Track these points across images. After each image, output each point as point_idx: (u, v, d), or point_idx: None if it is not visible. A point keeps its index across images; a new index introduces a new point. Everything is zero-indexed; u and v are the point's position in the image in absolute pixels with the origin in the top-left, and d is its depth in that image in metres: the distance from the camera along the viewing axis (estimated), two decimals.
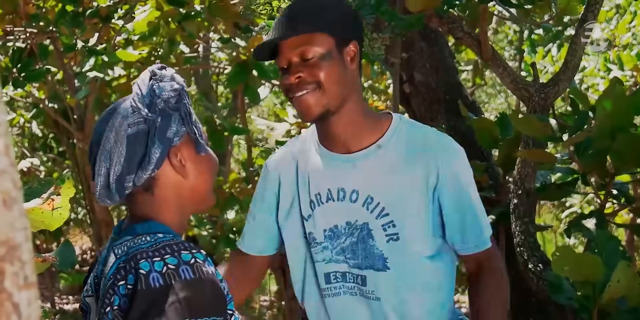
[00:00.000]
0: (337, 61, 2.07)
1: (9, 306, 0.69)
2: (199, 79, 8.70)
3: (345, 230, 2.17)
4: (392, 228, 2.12)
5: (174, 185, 1.78)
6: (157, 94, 1.74)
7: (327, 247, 2.20)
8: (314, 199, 2.21)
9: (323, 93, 2.05)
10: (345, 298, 2.23)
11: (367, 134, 2.15)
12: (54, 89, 7.34)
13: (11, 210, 0.68)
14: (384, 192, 2.12)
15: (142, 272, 1.56)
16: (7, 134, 0.69)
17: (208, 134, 6.65)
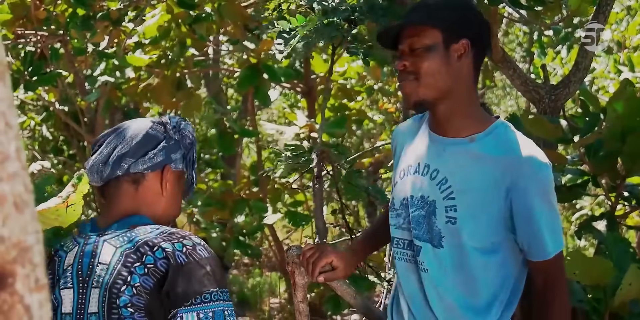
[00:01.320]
0: (441, 55, 2.23)
1: (21, 309, 0.69)
2: (209, 82, 8.71)
3: (418, 202, 2.32)
4: (452, 212, 2.24)
5: (154, 191, 2.09)
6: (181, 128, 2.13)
7: (400, 215, 2.40)
8: (404, 169, 2.42)
9: (420, 83, 2.24)
10: (402, 264, 2.41)
11: (467, 127, 2.29)
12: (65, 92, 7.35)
13: (23, 213, 0.69)
14: (457, 178, 2.25)
15: (168, 250, 1.90)
16: (18, 137, 0.69)
17: (217, 136, 6.65)
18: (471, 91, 2.31)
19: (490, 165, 2.21)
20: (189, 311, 1.88)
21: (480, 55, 2.31)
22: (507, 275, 2.29)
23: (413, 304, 2.39)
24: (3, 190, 0.68)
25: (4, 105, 0.67)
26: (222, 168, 8.91)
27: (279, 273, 9.57)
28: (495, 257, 2.26)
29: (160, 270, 1.90)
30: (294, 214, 6.62)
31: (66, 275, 2.00)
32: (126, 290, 1.90)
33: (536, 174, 2.18)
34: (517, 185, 2.17)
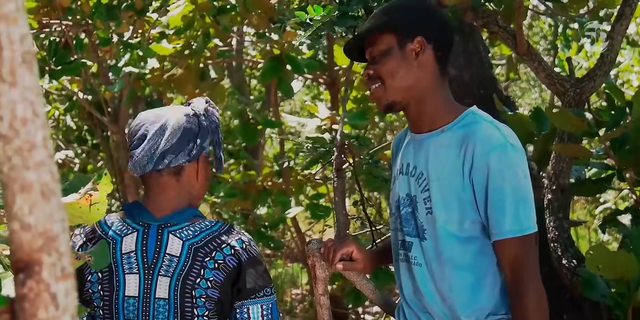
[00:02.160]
0: (398, 57, 2.32)
1: (47, 296, 0.69)
2: (232, 73, 8.72)
3: (404, 201, 2.41)
4: (429, 202, 2.31)
5: (191, 180, 2.29)
6: (209, 114, 2.31)
7: (395, 216, 2.48)
8: (396, 173, 2.50)
9: (385, 88, 2.33)
10: (398, 265, 2.48)
11: (439, 119, 2.35)
12: (89, 82, 7.38)
13: (49, 201, 0.69)
14: (430, 170, 2.31)
15: (236, 248, 2.19)
16: (45, 126, 0.69)
17: (241, 127, 6.66)
18: (437, 84, 2.36)
19: (455, 151, 2.26)
20: (254, 304, 2.20)
21: (441, 48, 2.35)
22: (488, 261, 2.30)
23: (410, 300, 2.44)
24: (30, 178, 0.68)
25: (32, 94, 0.68)
26: (245, 159, 8.92)
27: (300, 264, 9.59)
28: (473, 243, 2.29)
29: (229, 266, 2.18)
30: (315, 207, 6.62)
31: (130, 261, 2.20)
32: (201, 282, 2.16)
33: (493, 153, 2.19)
34: (475, 165, 2.21)
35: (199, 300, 2.15)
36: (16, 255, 0.70)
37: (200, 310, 2.16)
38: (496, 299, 2.31)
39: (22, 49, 0.67)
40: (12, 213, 0.69)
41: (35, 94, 0.67)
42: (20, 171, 0.68)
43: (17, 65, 0.66)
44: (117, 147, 7.88)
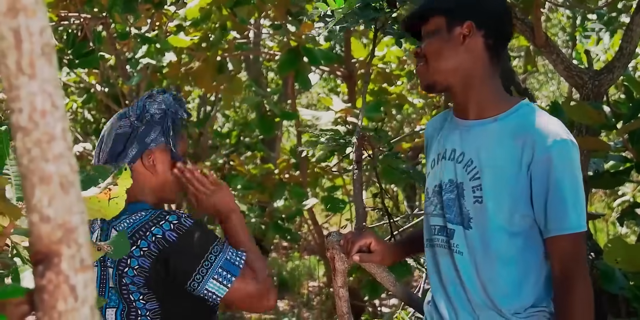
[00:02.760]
0: (445, 39, 2.33)
1: (66, 288, 0.69)
2: (249, 65, 8.72)
3: (447, 187, 2.37)
4: (478, 191, 2.28)
5: (144, 177, 2.42)
6: (147, 109, 2.41)
7: (433, 202, 2.44)
8: (436, 157, 2.46)
9: (428, 68, 2.35)
10: (435, 250, 2.44)
11: (490, 108, 2.33)
12: (107, 75, 7.40)
13: (68, 193, 0.69)
14: (482, 158, 2.29)
15: (158, 235, 2.26)
16: (64, 118, 0.69)
17: (258, 119, 6.66)
18: (486, 72, 2.35)
19: (512, 142, 2.23)
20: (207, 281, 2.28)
21: (492, 36, 2.33)
22: (534, 257, 2.29)
23: (448, 287, 2.40)
24: (49, 170, 0.68)
25: (51, 87, 0.68)
26: (262, 151, 8.93)
27: (317, 256, 9.60)
28: (520, 237, 2.27)
29: (154, 252, 2.25)
30: (331, 199, 6.63)
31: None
32: (128, 271, 2.27)
33: (556, 147, 2.17)
34: (537, 158, 2.18)
35: (131, 287, 2.28)
36: (35, 247, 0.70)
37: (134, 296, 2.30)
38: (538, 292, 2.30)
39: (42, 42, 0.67)
40: (32, 205, 0.69)
41: (54, 86, 0.68)
42: (39, 163, 0.68)
43: (36, 58, 0.67)
44: None
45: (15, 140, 0.69)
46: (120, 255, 1.79)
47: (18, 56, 0.66)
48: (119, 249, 1.82)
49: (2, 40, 0.66)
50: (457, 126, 2.40)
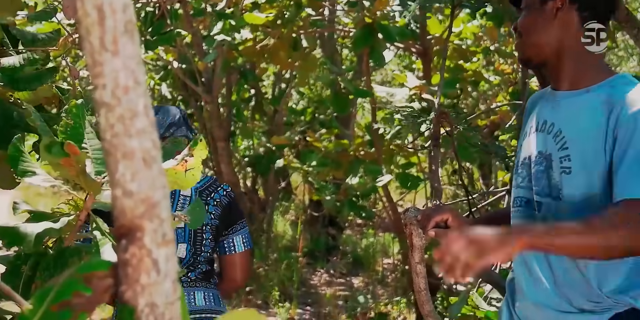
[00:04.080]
0: (537, 12, 2.32)
1: (149, 262, 0.70)
2: (324, 42, 8.71)
3: (537, 158, 2.35)
4: (566, 161, 2.24)
5: None
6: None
7: (521, 174, 2.43)
8: (528, 129, 2.45)
9: (523, 41, 2.37)
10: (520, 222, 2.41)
11: (584, 80, 2.30)
12: (183, 52, 7.47)
13: (151, 169, 0.70)
14: (570, 128, 2.27)
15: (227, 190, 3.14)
16: (146, 94, 0.70)
17: (332, 96, 6.66)
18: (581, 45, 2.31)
19: (600, 111, 2.19)
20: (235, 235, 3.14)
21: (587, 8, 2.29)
22: None
23: (531, 263, 2.36)
24: (132, 146, 0.69)
25: (133, 63, 0.68)
26: (336, 128, 8.94)
27: (392, 234, 9.59)
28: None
29: (225, 202, 3.10)
30: (405, 176, 6.60)
31: None
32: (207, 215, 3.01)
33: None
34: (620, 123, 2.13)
35: (206, 228, 3.03)
36: (119, 221, 0.71)
37: (206, 235, 3.03)
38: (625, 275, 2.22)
39: (124, 19, 0.68)
40: (115, 180, 0.70)
41: (137, 63, 0.68)
42: (122, 138, 0.69)
43: (119, 35, 0.67)
44: (211, 116, 7.99)
45: (98, 116, 0.70)
46: (197, 224, 1.82)
47: (101, 33, 0.67)
48: (195, 219, 1.85)
49: (86, 17, 0.67)
50: (551, 97, 2.39)
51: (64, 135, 1.66)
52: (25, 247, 1.55)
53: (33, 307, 0.72)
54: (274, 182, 9.60)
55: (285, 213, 12.00)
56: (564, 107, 2.32)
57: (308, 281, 8.72)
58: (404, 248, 7.38)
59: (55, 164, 1.49)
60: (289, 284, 8.11)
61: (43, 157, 1.49)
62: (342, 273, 9.15)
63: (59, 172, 1.55)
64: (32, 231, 1.57)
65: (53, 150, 1.44)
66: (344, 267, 9.31)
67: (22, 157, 1.64)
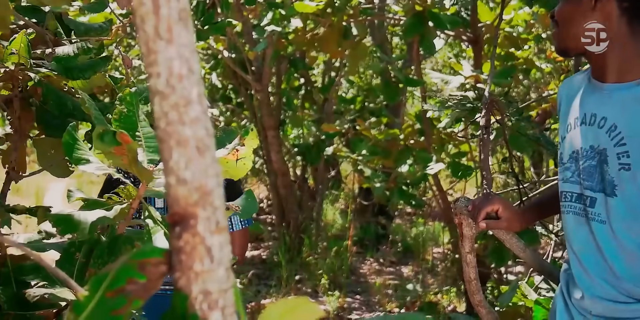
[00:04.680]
0: (576, 4, 2.28)
1: (202, 249, 0.71)
2: (374, 31, 8.69)
3: (587, 153, 2.29)
4: (625, 158, 2.19)
5: None
6: None
7: (569, 168, 2.37)
8: (571, 122, 2.39)
9: (559, 31, 2.35)
10: (571, 217, 2.36)
11: (632, 72, 2.24)
12: (233, 41, 7.50)
13: (204, 156, 0.70)
14: (627, 123, 2.20)
15: None
16: (200, 82, 0.70)
17: (382, 85, 6.65)
18: (626, 36, 2.25)
19: None
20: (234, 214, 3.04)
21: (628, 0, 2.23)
22: None
23: (584, 257, 2.33)
24: (185, 134, 0.69)
25: (187, 51, 0.69)
26: (386, 117, 8.92)
27: (442, 222, 9.56)
28: None
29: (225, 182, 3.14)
30: (457, 165, 6.57)
31: None
32: None
33: None
34: None
35: None
36: (172, 209, 0.71)
37: None
38: None
39: (179, 7, 0.68)
40: (169, 167, 0.70)
41: (191, 51, 0.69)
42: (176, 126, 0.69)
43: (173, 23, 0.68)
44: (261, 105, 8.02)
45: (152, 104, 0.70)
46: (250, 214, 1.83)
47: (156, 21, 0.67)
48: (247, 208, 1.86)
49: (141, 6, 0.67)
50: (596, 89, 2.32)
51: (118, 123, 1.68)
52: (80, 234, 1.57)
53: (89, 294, 0.73)
54: (323, 171, 9.62)
55: (334, 202, 12.02)
56: (615, 100, 2.25)
57: (357, 270, 8.74)
58: (454, 237, 7.35)
59: (108, 153, 1.51)
60: (338, 273, 8.13)
61: (95, 146, 1.50)
62: (391, 262, 9.15)
63: (111, 160, 1.56)
64: (86, 219, 1.59)
65: (105, 138, 1.45)
66: (393, 256, 9.31)
67: (76, 145, 1.66)
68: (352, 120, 9.02)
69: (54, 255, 1.80)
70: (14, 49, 2.17)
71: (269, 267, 8.52)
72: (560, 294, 2.50)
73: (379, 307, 7.36)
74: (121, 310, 0.72)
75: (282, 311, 0.79)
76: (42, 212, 1.81)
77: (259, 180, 11.40)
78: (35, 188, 11.66)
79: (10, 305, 1.84)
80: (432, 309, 6.82)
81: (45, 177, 2.90)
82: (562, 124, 2.46)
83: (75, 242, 1.72)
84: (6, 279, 1.98)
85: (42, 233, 2.02)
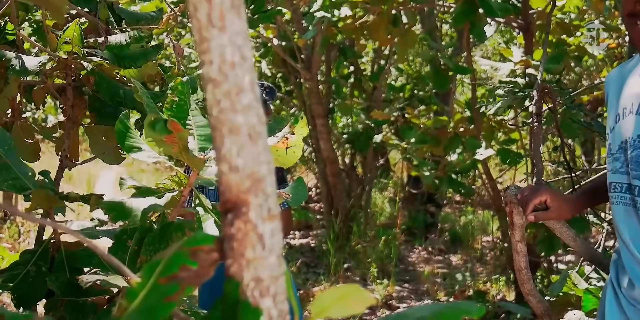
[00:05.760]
0: None
1: (254, 236, 0.71)
2: (423, 18, 8.64)
3: (636, 142, 2.22)
4: None
5: None
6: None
7: (618, 159, 2.30)
8: (620, 112, 2.30)
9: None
10: (620, 208, 2.30)
11: None
12: (283, 29, 7.51)
13: (256, 144, 0.70)
14: None
15: None
16: (252, 69, 0.70)
17: (432, 73, 6.61)
18: None
19: None
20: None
21: None
22: None
23: (635, 247, 2.29)
24: (238, 121, 0.70)
25: (240, 39, 0.69)
26: (436, 105, 8.87)
27: (491, 211, 9.50)
28: None
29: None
30: (506, 152, 6.52)
31: None
32: None
33: None
34: None
35: None
36: (225, 196, 0.72)
37: None
38: None
39: None
40: (221, 155, 0.71)
41: (243, 39, 0.69)
42: (228, 114, 0.70)
43: (226, 10, 0.68)
44: (310, 93, 8.02)
45: (205, 91, 0.70)
46: (300, 202, 1.83)
47: (209, 9, 0.68)
48: (297, 196, 1.87)
49: None
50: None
51: (170, 112, 1.69)
52: (132, 221, 1.59)
53: (142, 280, 0.74)
54: (372, 159, 9.60)
55: (383, 190, 12.01)
56: None
57: (406, 258, 8.73)
58: (503, 225, 7.31)
59: (159, 141, 1.52)
60: (387, 261, 8.13)
61: (147, 134, 1.52)
62: (440, 250, 9.12)
63: (162, 148, 1.58)
64: (138, 206, 1.60)
65: (157, 126, 1.46)
66: (442, 245, 9.28)
67: (129, 133, 1.67)
68: (401, 108, 8.99)
69: (107, 243, 1.82)
70: (67, 38, 2.19)
71: (318, 255, 8.55)
72: (610, 284, 2.47)
73: (428, 295, 7.35)
74: (174, 296, 0.72)
75: (334, 298, 0.79)
76: (95, 199, 1.83)
77: (308, 168, 11.42)
78: (87, 176, 11.81)
79: (63, 291, 1.87)
80: (481, 298, 6.80)
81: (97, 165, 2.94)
82: (611, 114, 2.40)
83: (127, 229, 1.74)
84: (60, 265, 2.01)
85: (95, 220, 2.05)
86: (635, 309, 2.32)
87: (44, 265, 1.98)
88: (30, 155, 2.48)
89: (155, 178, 12.71)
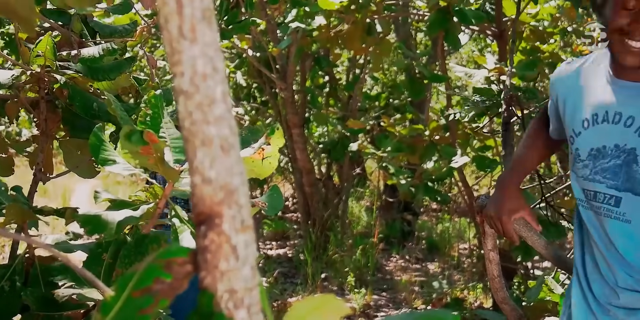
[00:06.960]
0: None
1: (228, 248, 0.71)
2: (398, 27, 8.67)
3: (612, 152, 2.23)
4: None
5: None
6: None
7: (587, 166, 2.30)
8: (588, 117, 2.30)
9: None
10: (589, 214, 2.34)
11: None
12: (257, 40, 7.51)
13: (229, 155, 0.70)
14: None
15: None
16: (224, 81, 0.71)
17: (407, 81, 6.64)
18: None
19: None
20: None
21: None
22: None
23: (604, 250, 2.31)
24: (210, 132, 0.70)
25: (211, 50, 0.69)
26: (411, 113, 8.90)
27: (468, 218, 9.53)
28: None
29: None
30: (482, 159, 6.55)
31: None
32: None
33: None
34: None
35: None
36: (198, 208, 0.72)
37: None
38: None
39: (202, 6, 0.68)
40: (194, 167, 0.71)
41: (215, 50, 0.69)
42: (200, 126, 0.70)
43: (197, 22, 0.68)
44: (285, 103, 8.03)
45: (177, 103, 0.70)
46: (276, 210, 1.83)
47: (180, 21, 0.68)
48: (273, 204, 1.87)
49: (165, 6, 0.67)
50: (622, 88, 2.24)
51: (144, 125, 1.69)
52: (107, 234, 1.58)
53: (115, 294, 0.73)
54: (348, 168, 9.61)
55: (360, 199, 12.02)
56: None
57: (383, 267, 8.73)
58: (480, 233, 7.32)
59: (135, 153, 1.51)
60: (364, 270, 8.13)
61: (122, 146, 1.51)
62: (417, 258, 9.14)
63: (138, 160, 1.57)
64: (113, 219, 1.60)
65: (133, 138, 1.46)
66: (419, 253, 9.30)
67: (103, 146, 1.67)
68: (376, 117, 9.01)
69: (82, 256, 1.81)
70: (40, 51, 2.18)
71: (295, 265, 8.54)
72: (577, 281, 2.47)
73: (405, 304, 7.35)
74: (148, 309, 0.72)
75: (309, 309, 0.79)
76: (70, 213, 1.82)
77: (284, 178, 11.41)
78: (61, 189, 11.74)
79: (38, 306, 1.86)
80: (458, 306, 6.81)
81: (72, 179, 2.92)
82: (573, 117, 2.39)
83: (102, 242, 1.73)
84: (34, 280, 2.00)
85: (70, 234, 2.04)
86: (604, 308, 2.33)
87: (18, 280, 1.97)
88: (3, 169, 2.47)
89: (132, 190, 12.65)
